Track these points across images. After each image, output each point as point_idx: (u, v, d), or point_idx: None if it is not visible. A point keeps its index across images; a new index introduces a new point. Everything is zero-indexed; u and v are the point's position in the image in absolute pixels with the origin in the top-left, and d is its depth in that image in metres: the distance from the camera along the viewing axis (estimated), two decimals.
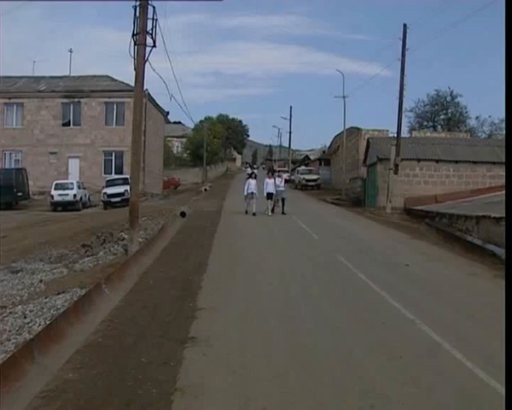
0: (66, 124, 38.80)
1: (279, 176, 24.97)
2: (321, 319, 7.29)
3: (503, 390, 4.76)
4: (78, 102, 38.50)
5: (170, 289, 8.93)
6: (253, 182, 23.23)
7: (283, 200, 23.96)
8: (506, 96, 5.86)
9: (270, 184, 23.22)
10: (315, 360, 5.59)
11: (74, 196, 30.95)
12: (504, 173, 25.48)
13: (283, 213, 23.14)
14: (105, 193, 31.40)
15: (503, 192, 23.00)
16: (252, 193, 22.86)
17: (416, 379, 5.10)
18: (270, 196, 23.08)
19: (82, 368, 5.27)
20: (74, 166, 38.21)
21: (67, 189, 31.20)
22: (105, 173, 37.63)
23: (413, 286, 9.59)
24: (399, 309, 7.75)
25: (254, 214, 22.03)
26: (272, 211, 22.98)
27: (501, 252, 12.68)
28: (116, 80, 40.02)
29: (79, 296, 7.81)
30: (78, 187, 31.97)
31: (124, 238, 14.53)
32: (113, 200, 30.60)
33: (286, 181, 42.97)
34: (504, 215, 13.93)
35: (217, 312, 7.53)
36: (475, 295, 9.02)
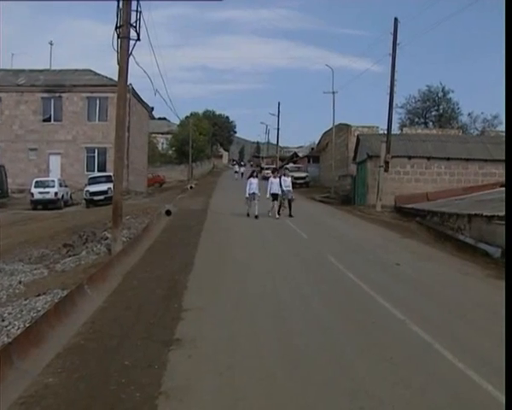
0: (47, 119, 38.37)
1: (285, 174, 23.42)
2: (311, 319, 7.29)
3: (495, 392, 4.81)
4: (60, 96, 38.08)
5: (155, 290, 8.88)
6: (254, 181, 21.69)
7: (290, 201, 22.40)
8: (506, 96, 5.87)
9: (275, 184, 21.63)
10: (305, 361, 5.59)
11: (55, 194, 30.64)
12: (496, 171, 25.53)
13: (290, 215, 21.53)
14: (87, 191, 31.15)
15: (496, 190, 23.33)
16: (253, 194, 21.27)
17: (407, 380, 5.11)
18: (275, 196, 21.42)
19: (63, 372, 5.21)
20: (55, 163, 37.84)
21: (48, 187, 30.85)
22: (87, 171, 37.28)
23: (404, 286, 9.63)
24: (390, 309, 7.77)
25: (256, 217, 20.46)
26: (278, 213, 21.28)
27: (493, 251, 12.79)
28: (99, 74, 39.65)
29: (61, 298, 7.74)
30: (60, 185, 31.64)
31: (107, 237, 14.42)
32: (95, 198, 30.34)
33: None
34: (498, 213, 14.07)
35: (203, 312, 7.50)
36: (467, 295, 9.07)
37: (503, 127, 45.27)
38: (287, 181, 22.36)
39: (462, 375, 5.26)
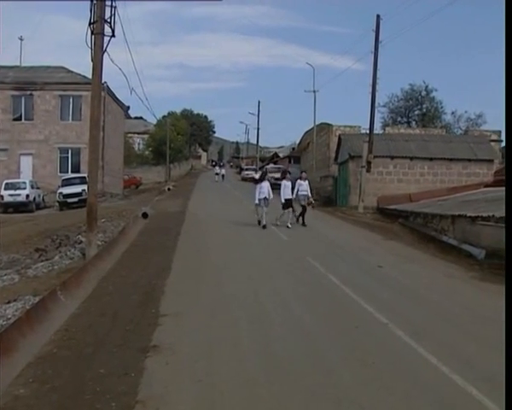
0: (18, 118, 37.78)
1: (301, 177, 20.95)
2: (292, 323, 7.30)
3: (479, 395, 4.87)
4: (31, 94, 37.56)
5: (131, 295, 8.82)
6: (265, 185, 19.11)
7: (305, 208, 20.13)
8: (506, 96, 5.93)
9: (287, 188, 19.36)
10: (286, 367, 5.59)
11: (27, 196, 30.23)
12: (480, 171, 25.85)
13: (304, 224, 19.55)
14: (61, 193, 30.80)
15: (480, 190, 23.63)
16: (265, 199, 18.75)
17: (390, 385, 5.15)
18: (289, 203, 19.19)
19: (34, 382, 5.14)
20: (26, 164, 37.30)
21: (19, 188, 30.43)
22: (61, 172, 36.85)
23: (387, 289, 9.70)
24: (373, 313, 7.82)
25: (265, 227, 18.32)
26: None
27: (477, 252, 12.96)
28: (72, 72, 39.22)
29: (32, 304, 7.64)
30: (31, 187, 31.25)
31: (81, 241, 14.31)
32: (69, 200, 30.04)
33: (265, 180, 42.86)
34: (482, 214, 14.25)
35: (181, 318, 7.47)
36: (452, 298, 9.17)
37: (487, 126, 45.94)
38: (303, 185, 20.45)
39: (447, 379, 5.30)
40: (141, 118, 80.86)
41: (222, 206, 28.01)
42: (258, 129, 76.22)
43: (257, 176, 44.32)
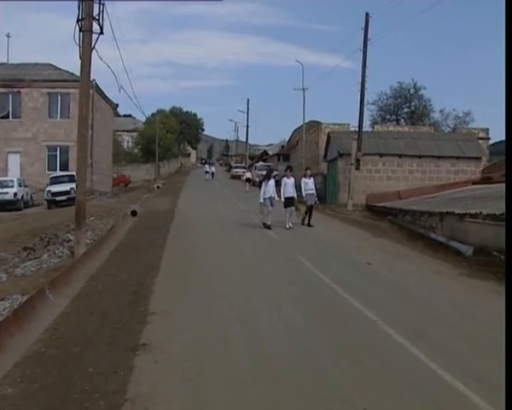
0: (5, 116, 37.48)
1: (306, 175, 19.92)
2: (281, 322, 7.29)
3: (466, 391, 4.91)
4: (18, 92, 37.27)
5: (120, 294, 8.78)
6: (271, 184, 18.31)
7: (311, 208, 19.16)
8: (506, 96, 5.95)
9: (289, 186, 18.46)
10: (275, 366, 5.59)
11: (15, 194, 30.01)
12: (468, 168, 26.13)
13: (310, 225, 18.76)
14: (49, 191, 30.64)
15: (468, 188, 23.81)
16: (270, 198, 17.97)
17: (380, 383, 5.16)
18: (289, 201, 18.29)
19: (22, 382, 5.10)
20: (14, 162, 37.03)
21: (7, 187, 30.21)
22: (49, 170, 36.66)
23: (376, 286, 9.75)
24: (362, 310, 7.84)
25: (269, 227, 17.60)
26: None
27: (465, 249, 13.06)
28: (60, 69, 38.96)
29: (20, 303, 7.60)
30: (19, 185, 31.02)
31: (70, 240, 14.23)
32: (58, 198, 29.87)
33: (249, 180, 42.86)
34: (470, 211, 14.35)
35: (170, 316, 7.46)
36: (440, 295, 9.22)
37: (474, 124, 46.37)
38: (309, 183, 19.48)
39: (435, 375, 5.33)
40: (130, 116, 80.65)
41: (211, 204, 27.96)
42: (247, 127, 76.43)
43: (249, 175, 44.22)
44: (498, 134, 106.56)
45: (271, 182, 18.41)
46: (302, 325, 7.23)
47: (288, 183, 18.45)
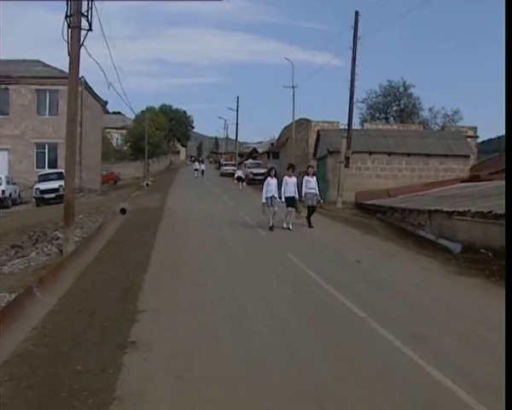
0: None
1: (308, 173, 18.96)
2: (270, 319, 7.30)
3: (454, 387, 4.95)
4: (6, 88, 36.95)
5: (109, 291, 8.75)
6: (272, 182, 17.53)
7: (313, 208, 18.47)
8: (506, 96, 5.98)
9: (290, 185, 17.59)
10: (264, 363, 5.60)
11: (3, 192, 29.82)
12: (457, 166, 26.21)
13: (310, 225, 17.98)
14: (37, 189, 30.50)
15: (456, 185, 23.95)
16: (272, 197, 17.21)
17: (368, 379, 5.19)
18: (290, 201, 17.47)
19: (10, 381, 5.06)
20: (2, 159, 36.71)
21: None
22: (37, 167, 36.43)
23: (365, 283, 9.78)
24: (351, 308, 7.88)
25: (272, 228, 16.93)
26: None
27: (453, 246, 13.15)
28: (49, 66, 38.73)
29: (8, 302, 7.55)
30: (7, 182, 30.85)
31: (58, 237, 14.17)
32: (46, 196, 29.78)
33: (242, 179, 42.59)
34: (458, 209, 14.44)
35: (159, 314, 7.44)
36: (429, 292, 9.26)
37: (463, 123, 46.59)
38: (311, 182, 18.54)
39: (423, 371, 5.38)
40: (119, 113, 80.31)
41: (200, 202, 27.91)
42: (237, 124, 76.34)
43: (240, 173, 43.93)
44: (487, 133, 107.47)
45: (274, 181, 17.63)
46: (290, 321, 7.24)
47: (290, 182, 17.62)
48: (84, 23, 13.04)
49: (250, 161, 58.46)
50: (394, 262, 12.22)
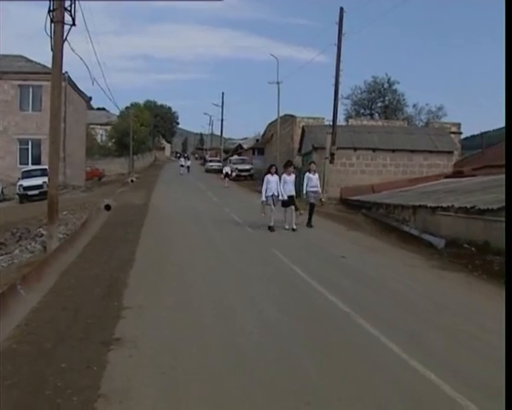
0: None
1: (310, 170, 18.24)
2: (256, 316, 7.30)
3: (437, 380, 4.99)
4: None
5: (93, 288, 8.68)
6: (273, 180, 16.54)
7: (313, 206, 17.75)
8: (506, 95, 6.01)
9: (289, 183, 16.84)
10: (250, 360, 5.60)
11: None
12: (441, 162, 26.41)
13: (310, 224, 17.27)
14: (21, 185, 30.21)
15: (440, 181, 24.13)
16: (273, 196, 16.37)
17: (352, 375, 5.21)
18: (289, 200, 16.63)
19: None
20: None
21: None
22: (20, 164, 36.00)
23: (350, 279, 9.82)
24: (336, 303, 7.90)
25: (271, 229, 16.04)
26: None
27: (437, 242, 13.25)
28: (32, 61, 38.25)
29: None
30: None
31: (42, 234, 14.07)
32: (30, 193, 29.49)
33: (228, 175, 42.26)
34: (442, 204, 14.55)
35: (144, 310, 7.40)
36: (412, 287, 9.32)
37: (447, 119, 46.97)
38: (313, 180, 17.86)
39: (407, 366, 5.41)
40: (103, 109, 79.83)
41: (185, 198, 27.86)
42: (222, 120, 76.42)
43: (228, 170, 43.42)
44: (470, 129, 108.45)
45: (274, 178, 16.58)
46: (276, 318, 7.24)
47: (288, 180, 16.79)
48: (68, 18, 12.93)
49: (235, 157, 58.51)
50: (379, 257, 12.27)
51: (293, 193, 16.77)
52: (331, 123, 28.87)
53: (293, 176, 17.06)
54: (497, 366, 5.36)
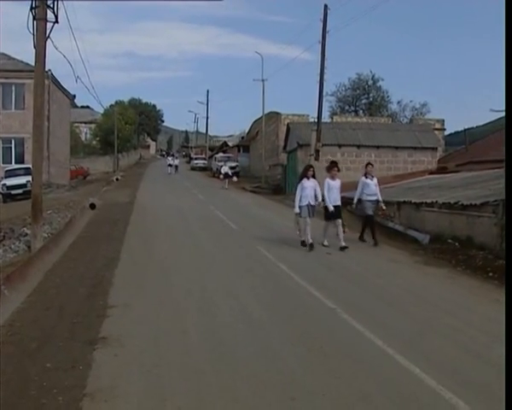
0: None
1: (366, 173, 15.04)
2: (239, 312, 7.34)
3: (421, 374, 5.05)
4: None
5: (78, 287, 8.65)
6: (309, 185, 13.10)
7: (372, 220, 14.31)
8: (506, 95, 6.05)
9: (334, 190, 13.65)
10: (233, 355, 5.62)
11: None
12: (425, 159, 26.50)
13: (375, 243, 13.37)
14: (4, 184, 29.88)
15: (425, 177, 24.29)
16: (308, 206, 13.00)
17: (337, 369, 5.25)
18: (336, 212, 13.47)
19: None
20: None
21: None
22: (4, 163, 35.58)
23: (335, 275, 9.90)
24: (321, 299, 7.95)
25: (306, 244, 12.68)
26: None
27: (422, 237, 13.35)
28: (14, 59, 37.81)
29: None
30: None
31: (26, 234, 13.93)
32: (13, 192, 29.17)
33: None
34: (426, 200, 14.66)
35: (129, 309, 7.39)
36: (396, 282, 9.40)
37: (430, 115, 47.38)
38: (370, 185, 14.60)
39: (391, 360, 5.47)
40: (88, 107, 79.39)
41: (171, 196, 27.79)
42: (207, 118, 76.24)
43: (227, 170, 37.67)
44: (454, 125, 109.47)
45: (311, 183, 13.17)
46: (260, 313, 7.28)
47: (333, 186, 13.64)
48: (50, 15, 12.82)
49: (220, 154, 58.31)
50: (364, 254, 12.34)
51: (340, 202, 13.84)
52: (316, 120, 28.93)
53: (338, 181, 13.93)
54: (479, 360, 5.46)
